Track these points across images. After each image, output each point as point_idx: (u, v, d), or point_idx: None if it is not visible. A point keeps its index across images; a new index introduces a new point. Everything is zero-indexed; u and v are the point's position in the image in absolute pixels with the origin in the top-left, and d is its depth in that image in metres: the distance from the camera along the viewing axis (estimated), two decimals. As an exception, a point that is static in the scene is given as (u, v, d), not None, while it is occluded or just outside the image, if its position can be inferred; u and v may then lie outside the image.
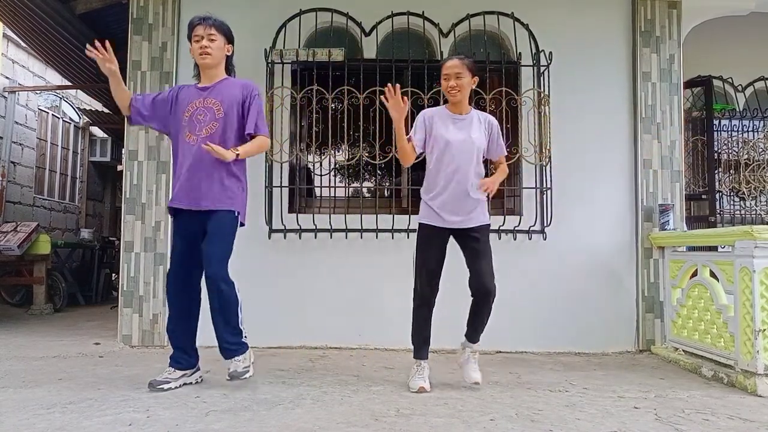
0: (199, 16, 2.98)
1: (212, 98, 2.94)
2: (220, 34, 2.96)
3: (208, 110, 2.92)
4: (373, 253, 4.24)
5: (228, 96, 2.94)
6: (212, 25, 2.93)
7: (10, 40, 7.71)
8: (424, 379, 2.95)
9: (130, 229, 4.23)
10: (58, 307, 6.48)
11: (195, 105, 2.93)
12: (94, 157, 9.96)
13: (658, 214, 4.23)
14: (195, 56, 2.97)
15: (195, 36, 2.94)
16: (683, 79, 4.51)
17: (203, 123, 2.90)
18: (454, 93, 2.99)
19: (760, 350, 3.01)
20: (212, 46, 2.93)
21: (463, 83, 2.97)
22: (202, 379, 3.05)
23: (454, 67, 2.98)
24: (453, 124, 3.01)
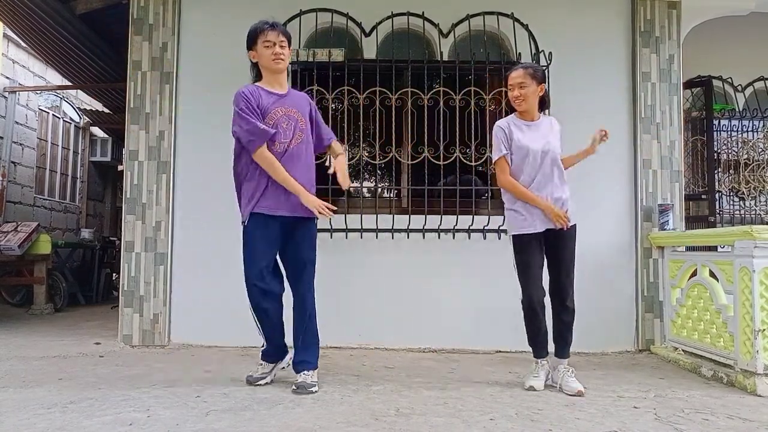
0: (266, 21, 2.97)
1: (293, 108, 2.98)
2: (287, 41, 3.00)
3: (291, 119, 2.95)
4: (373, 253, 4.25)
5: (302, 108, 3.03)
6: (283, 33, 2.97)
7: (10, 40, 7.71)
8: (538, 379, 3.00)
9: (130, 229, 4.24)
10: (58, 307, 6.48)
11: (279, 112, 2.94)
12: (94, 157, 9.96)
13: (657, 214, 4.23)
14: (266, 62, 2.95)
15: (266, 42, 2.92)
16: (683, 79, 4.52)
17: (290, 131, 2.93)
18: (518, 103, 3.04)
19: (760, 350, 3.01)
20: (284, 53, 2.97)
21: (528, 92, 3.01)
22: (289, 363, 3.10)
23: (517, 77, 3.03)
24: (532, 132, 3.06)
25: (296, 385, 2.86)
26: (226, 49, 4.31)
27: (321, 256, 4.22)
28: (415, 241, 4.24)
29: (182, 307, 4.21)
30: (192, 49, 4.38)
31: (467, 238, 4.25)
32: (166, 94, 4.30)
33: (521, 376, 3.35)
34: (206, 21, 4.39)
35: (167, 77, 4.31)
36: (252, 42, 2.98)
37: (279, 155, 2.89)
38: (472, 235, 4.24)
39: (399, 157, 4.28)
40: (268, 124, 2.89)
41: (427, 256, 4.27)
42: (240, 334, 4.00)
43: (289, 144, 2.92)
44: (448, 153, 4.22)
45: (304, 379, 2.88)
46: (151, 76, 4.31)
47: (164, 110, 4.29)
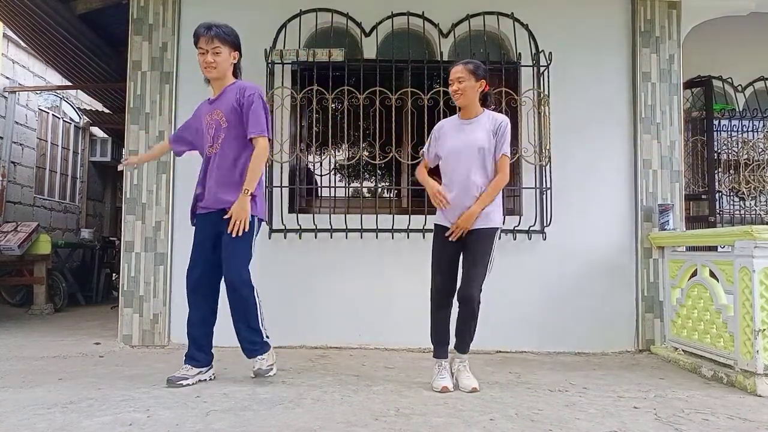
0: (203, 25, 2.95)
1: (218, 109, 2.99)
2: (224, 45, 2.95)
3: (215, 122, 2.98)
4: (373, 253, 4.25)
5: (227, 104, 2.98)
6: (215, 37, 2.91)
7: (10, 40, 7.71)
8: (447, 379, 2.97)
9: (130, 229, 4.24)
10: (58, 307, 6.48)
11: (207, 119, 3.02)
12: (94, 157, 9.97)
13: (657, 214, 4.23)
14: (201, 69, 2.99)
15: (199, 49, 2.94)
16: (683, 79, 4.52)
17: (214, 136, 2.98)
18: (456, 97, 3.06)
19: (760, 350, 3.01)
20: (217, 60, 2.94)
21: (465, 87, 3.01)
22: (215, 376, 3.10)
23: (455, 72, 3.05)
24: (460, 130, 3.09)
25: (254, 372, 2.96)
26: (226, 49, 4.31)
27: (322, 255, 4.25)
28: (415, 241, 4.24)
29: (182, 307, 4.17)
30: (192, 49, 4.31)
31: (467, 238, 4.25)
32: (166, 94, 4.30)
33: (521, 376, 3.35)
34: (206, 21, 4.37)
35: (167, 77, 4.31)
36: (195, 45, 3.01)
37: (206, 162, 3.01)
38: (472, 235, 4.24)
39: (399, 157, 4.28)
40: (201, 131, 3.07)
41: (426, 256, 4.25)
42: (240, 334, 4.01)
43: (212, 148, 2.99)
44: (448, 153, 4.21)
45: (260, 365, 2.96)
46: (151, 76, 4.31)
47: (164, 110, 4.29)
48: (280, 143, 4.17)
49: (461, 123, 3.12)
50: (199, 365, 3.02)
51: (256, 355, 3.01)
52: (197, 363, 3.02)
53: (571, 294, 4.25)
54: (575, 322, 4.23)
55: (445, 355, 3.06)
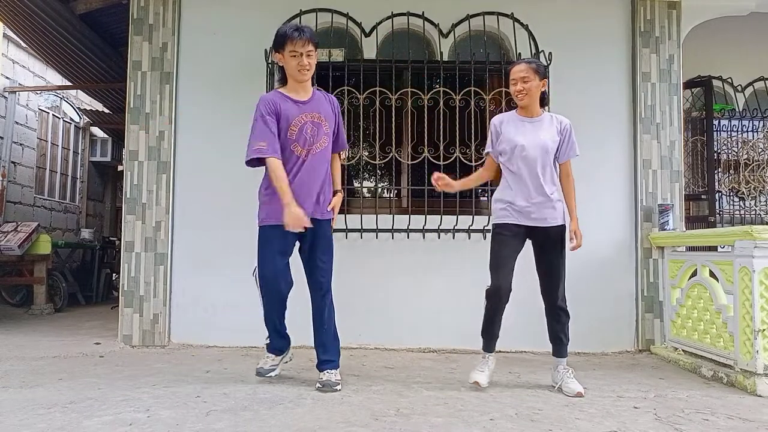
0: (293, 27, 2.93)
1: (316, 113, 2.99)
2: (314, 47, 2.96)
3: (315, 125, 2.97)
4: (373, 253, 4.25)
5: (326, 112, 3.03)
6: (309, 40, 2.91)
7: (11, 40, 7.71)
8: (485, 374, 2.99)
9: (130, 229, 4.24)
10: (58, 307, 6.49)
11: (302, 119, 2.96)
12: (94, 157, 9.96)
13: (657, 214, 4.24)
14: (292, 71, 2.94)
15: (293, 52, 2.90)
16: (683, 80, 4.52)
17: (315, 137, 2.96)
18: (521, 97, 3.01)
19: (760, 350, 3.01)
20: (311, 63, 2.95)
21: (530, 87, 2.99)
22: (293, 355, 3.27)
23: (520, 71, 3.00)
24: (526, 129, 3.03)
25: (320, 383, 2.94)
26: (226, 49, 4.33)
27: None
28: (415, 241, 4.24)
29: (182, 307, 4.21)
30: (192, 49, 4.38)
31: (467, 238, 4.26)
32: (166, 94, 4.30)
33: (521, 376, 3.35)
34: (206, 21, 4.39)
35: (167, 77, 4.31)
36: (279, 46, 2.94)
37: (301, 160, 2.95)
38: (472, 235, 4.24)
39: (399, 157, 4.28)
40: (290, 130, 2.93)
41: (427, 256, 4.27)
42: (240, 334, 4.01)
43: (311, 149, 2.96)
44: (448, 153, 4.22)
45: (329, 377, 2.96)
46: (151, 76, 4.31)
47: (164, 110, 4.29)
48: (280, 143, 4.17)
49: (524, 121, 3.06)
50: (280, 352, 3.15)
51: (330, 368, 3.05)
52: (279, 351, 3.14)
53: (571, 294, 4.22)
54: (575, 322, 4.18)
55: (493, 349, 3.07)
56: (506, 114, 3.17)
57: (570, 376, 2.97)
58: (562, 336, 3.05)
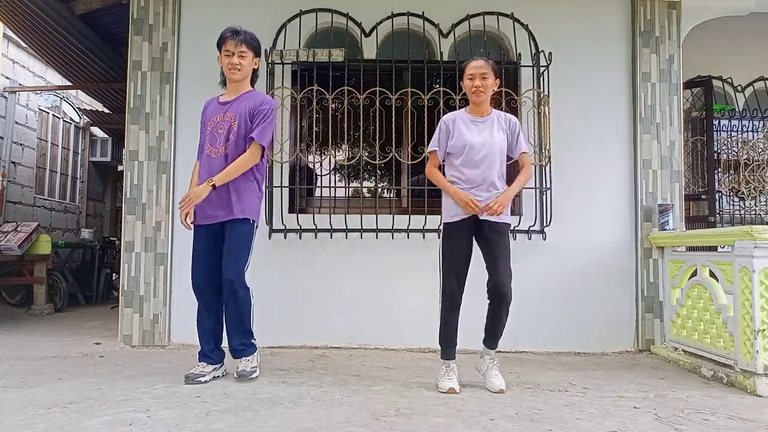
0: (231, 29, 3.06)
1: (231, 112, 3.06)
2: (250, 50, 3.06)
3: (227, 123, 3.04)
4: (373, 253, 4.25)
5: (242, 109, 3.05)
6: (243, 41, 3.02)
7: (11, 40, 7.71)
8: (454, 380, 2.93)
9: (130, 229, 4.24)
10: (58, 307, 6.49)
11: (216, 119, 3.08)
12: (94, 157, 9.97)
13: (657, 214, 4.23)
14: (225, 70, 3.09)
15: (226, 51, 3.04)
16: (683, 79, 4.52)
17: (222, 137, 3.03)
18: (478, 93, 3.00)
19: (760, 350, 3.01)
20: (242, 63, 3.04)
21: (488, 84, 3.00)
22: (225, 372, 3.18)
23: (480, 67, 3.00)
24: (476, 128, 3.04)
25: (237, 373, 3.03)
26: (226, 49, 4.31)
27: (322, 255, 4.25)
28: (415, 241, 4.24)
29: (182, 307, 4.20)
30: (192, 49, 4.38)
31: (467, 238, 4.25)
32: (166, 94, 4.30)
33: (521, 375, 3.35)
34: (206, 21, 4.38)
35: (167, 77, 4.31)
36: (218, 47, 3.09)
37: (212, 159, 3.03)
38: (472, 235, 4.24)
39: (399, 157, 4.28)
40: (206, 130, 3.10)
41: (426, 256, 4.25)
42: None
43: (218, 150, 3.03)
44: (448, 153, 4.21)
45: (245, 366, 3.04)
46: (151, 76, 4.31)
47: (164, 110, 4.29)
48: (281, 143, 4.17)
49: (474, 120, 3.06)
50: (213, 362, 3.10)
51: (243, 356, 3.10)
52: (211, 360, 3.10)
53: (571, 294, 4.25)
54: (575, 322, 4.23)
55: (454, 356, 3.03)
56: (456, 113, 3.17)
57: (495, 370, 2.98)
58: (498, 328, 3.01)
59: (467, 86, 3.05)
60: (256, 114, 3.05)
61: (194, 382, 2.95)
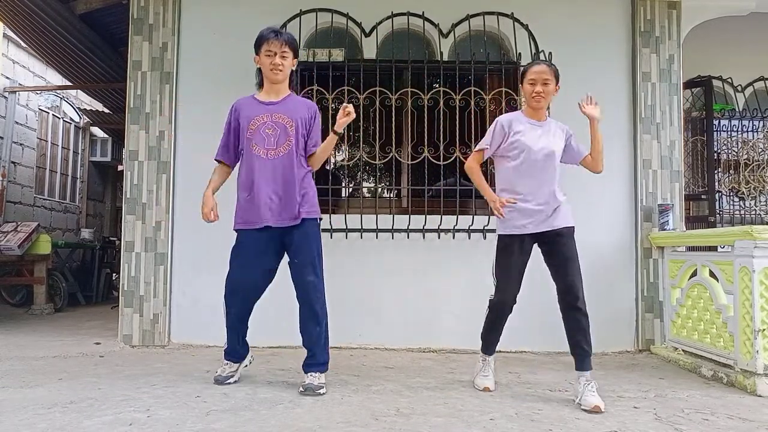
0: (271, 29, 2.99)
1: (282, 114, 2.96)
2: (291, 51, 2.98)
3: (278, 126, 2.95)
4: (373, 253, 4.25)
5: (297, 114, 2.99)
6: (286, 42, 2.95)
7: (11, 40, 7.71)
8: (490, 378, 2.95)
9: (130, 229, 4.24)
10: (58, 307, 6.49)
11: (263, 119, 2.96)
12: (94, 157, 9.97)
13: (657, 214, 4.24)
14: (266, 71, 2.99)
15: (268, 51, 2.94)
16: (683, 79, 4.52)
17: (276, 138, 2.93)
18: (538, 99, 2.91)
19: (760, 350, 3.01)
20: (284, 64, 2.96)
21: (549, 90, 2.92)
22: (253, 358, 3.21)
23: (542, 72, 2.90)
24: (537, 132, 2.93)
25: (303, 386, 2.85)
26: (226, 49, 4.32)
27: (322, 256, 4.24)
28: (415, 241, 4.24)
29: (182, 307, 4.21)
30: (192, 49, 4.38)
31: (467, 238, 4.26)
32: (166, 94, 4.30)
33: (521, 375, 3.35)
34: (206, 21, 4.39)
35: (167, 77, 4.31)
36: (257, 48, 3.00)
37: (259, 161, 2.93)
38: (472, 235, 4.24)
39: (399, 157, 4.28)
40: (248, 130, 2.96)
41: (426, 256, 4.27)
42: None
43: (273, 152, 2.93)
44: (448, 153, 4.22)
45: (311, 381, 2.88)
46: (151, 76, 4.31)
47: (164, 110, 4.29)
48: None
49: (533, 124, 2.95)
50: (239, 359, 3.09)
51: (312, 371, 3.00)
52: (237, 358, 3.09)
53: (571, 294, 4.24)
54: (575, 322, 4.22)
55: (494, 352, 3.04)
56: (513, 114, 3.06)
57: (591, 389, 2.68)
58: (585, 346, 2.80)
59: (527, 91, 2.93)
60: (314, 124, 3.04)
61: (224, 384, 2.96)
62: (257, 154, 2.93)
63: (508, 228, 2.91)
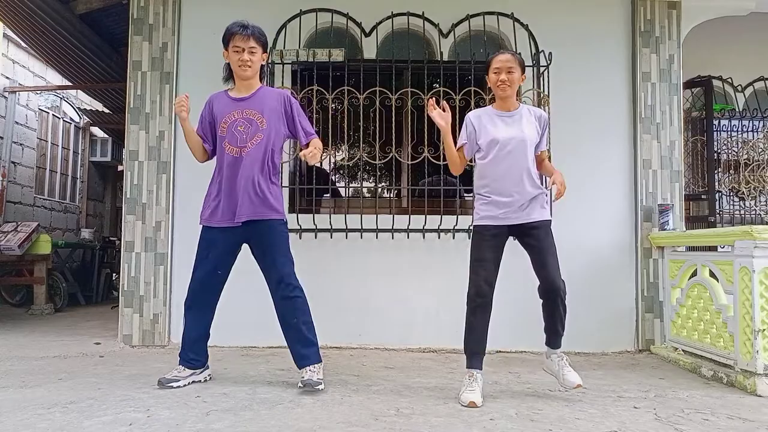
0: (238, 23, 2.97)
1: (252, 109, 2.95)
2: (259, 45, 2.97)
3: (249, 122, 2.94)
4: (373, 253, 4.25)
5: (268, 107, 2.97)
6: (252, 36, 2.93)
7: (11, 40, 7.71)
8: (477, 393, 2.72)
9: (130, 229, 4.24)
10: (58, 307, 6.49)
11: (233, 116, 2.95)
12: (94, 157, 9.97)
13: (657, 214, 4.24)
14: (234, 67, 2.97)
15: (235, 47, 2.93)
16: (683, 79, 4.52)
17: (247, 134, 2.93)
18: (504, 87, 2.89)
19: (760, 350, 3.01)
20: (252, 59, 2.94)
21: (514, 78, 2.90)
22: (210, 377, 3.08)
23: (507, 61, 2.89)
24: (504, 123, 2.92)
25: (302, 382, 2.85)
26: (226, 49, 4.31)
27: (321, 255, 4.25)
28: (415, 241, 4.24)
29: (182, 307, 4.18)
30: (192, 49, 4.38)
31: (467, 238, 4.25)
32: (166, 94, 4.30)
33: (521, 375, 3.35)
34: (206, 21, 4.38)
35: (167, 77, 4.31)
36: (225, 43, 2.98)
37: (231, 159, 2.92)
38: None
39: (399, 157, 4.28)
40: (220, 128, 2.96)
41: (427, 256, 4.27)
42: (240, 334, 4.01)
43: (244, 148, 2.92)
44: (448, 153, 4.21)
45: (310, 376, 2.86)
46: (151, 76, 4.31)
47: (164, 110, 4.29)
48: (280, 143, 4.17)
49: (501, 115, 2.93)
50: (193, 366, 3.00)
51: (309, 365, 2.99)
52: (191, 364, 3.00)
53: (571, 294, 4.18)
54: (575, 322, 4.18)
55: (481, 366, 2.86)
56: (482, 109, 3.06)
57: (567, 366, 2.88)
58: (560, 328, 2.93)
59: (492, 80, 2.92)
60: (293, 111, 3.00)
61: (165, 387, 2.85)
62: (228, 152, 2.94)
63: (482, 219, 2.92)
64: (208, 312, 3.05)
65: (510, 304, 4.12)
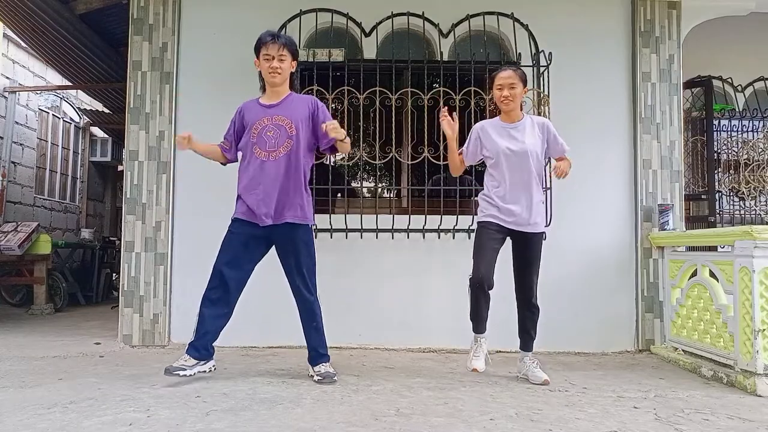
0: (270, 32, 3.06)
1: (281, 116, 3.04)
2: (289, 54, 3.05)
3: (278, 128, 3.02)
4: (373, 253, 4.25)
5: (297, 113, 3.05)
6: (284, 45, 3.02)
7: (10, 40, 7.71)
8: (481, 360, 3.11)
9: (130, 229, 4.24)
10: (58, 307, 6.48)
11: (263, 122, 3.04)
12: (94, 157, 9.97)
13: (657, 214, 4.24)
14: (264, 74, 3.07)
15: (266, 55, 3.02)
16: (683, 79, 4.52)
17: (276, 140, 3.00)
18: (507, 102, 3.11)
19: (760, 350, 3.01)
20: (282, 67, 3.03)
21: (516, 93, 3.10)
22: (215, 367, 3.14)
23: (509, 77, 3.10)
24: (508, 135, 3.13)
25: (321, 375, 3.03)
26: (227, 49, 4.33)
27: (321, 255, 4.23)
28: (415, 241, 4.25)
29: (182, 307, 4.20)
30: (192, 49, 4.38)
31: (467, 238, 4.25)
32: (166, 94, 4.30)
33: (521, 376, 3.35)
34: (206, 21, 4.39)
35: (167, 77, 4.31)
36: (256, 52, 3.07)
37: (261, 163, 3.00)
38: (472, 235, 4.23)
39: (399, 157, 4.28)
40: (252, 134, 3.03)
41: (427, 256, 4.27)
42: (240, 334, 4.00)
43: (274, 153, 3.00)
44: (448, 153, 4.22)
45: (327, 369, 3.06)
46: (151, 76, 4.31)
47: (164, 110, 4.29)
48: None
49: (506, 127, 3.17)
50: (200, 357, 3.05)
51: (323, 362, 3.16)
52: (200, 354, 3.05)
53: (571, 294, 4.25)
54: (575, 322, 4.23)
55: (485, 330, 3.17)
56: (488, 120, 3.29)
57: (536, 366, 3.16)
58: (532, 332, 3.22)
59: (496, 96, 3.16)
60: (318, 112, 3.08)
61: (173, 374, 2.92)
62: (259, 156, 3.02)
63: (486, 216, 3.15)
64: (224, 308, 3.10)
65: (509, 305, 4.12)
